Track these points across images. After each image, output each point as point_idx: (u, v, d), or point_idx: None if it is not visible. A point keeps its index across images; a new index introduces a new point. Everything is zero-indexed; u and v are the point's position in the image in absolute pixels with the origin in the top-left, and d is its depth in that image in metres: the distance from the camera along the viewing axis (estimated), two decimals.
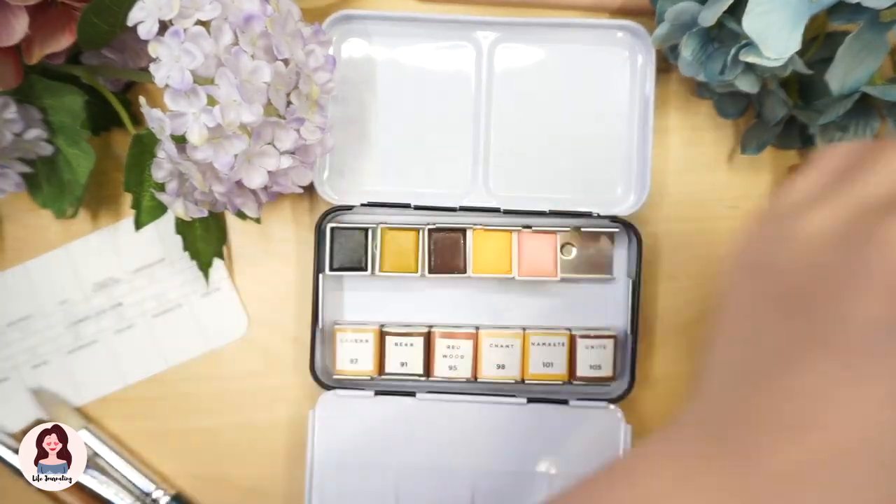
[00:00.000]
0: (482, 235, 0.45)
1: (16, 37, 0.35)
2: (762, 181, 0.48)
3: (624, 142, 0.45)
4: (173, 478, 0.47)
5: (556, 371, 0.45)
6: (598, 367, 0.45)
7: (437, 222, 0.45)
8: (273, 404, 0.47)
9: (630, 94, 0.45)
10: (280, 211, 0.47)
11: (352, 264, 0.45)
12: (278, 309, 0.47)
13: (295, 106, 0.36)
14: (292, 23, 0.36)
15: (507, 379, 0.45)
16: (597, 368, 0.45)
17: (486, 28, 0.45)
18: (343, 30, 0.45)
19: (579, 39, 0.45)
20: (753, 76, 0.39)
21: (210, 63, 0.33)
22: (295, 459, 0.47)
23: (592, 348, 0.45)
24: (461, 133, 0.46)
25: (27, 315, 0.47)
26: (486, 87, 0.45)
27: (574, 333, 0.45)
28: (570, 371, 0.45)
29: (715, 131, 0.48)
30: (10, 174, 0.42)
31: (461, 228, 0.45)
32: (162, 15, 0.32)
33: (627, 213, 0.45)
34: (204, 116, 0.33)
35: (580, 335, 0.45)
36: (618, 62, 0.45)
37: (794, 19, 0.35)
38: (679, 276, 0.48)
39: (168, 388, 0.47)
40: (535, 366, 0.45)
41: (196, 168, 0.35)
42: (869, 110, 0.42)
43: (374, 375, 0.45)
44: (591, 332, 0.45)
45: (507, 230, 0.45)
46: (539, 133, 0.46)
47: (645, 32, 0.44)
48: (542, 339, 0.45)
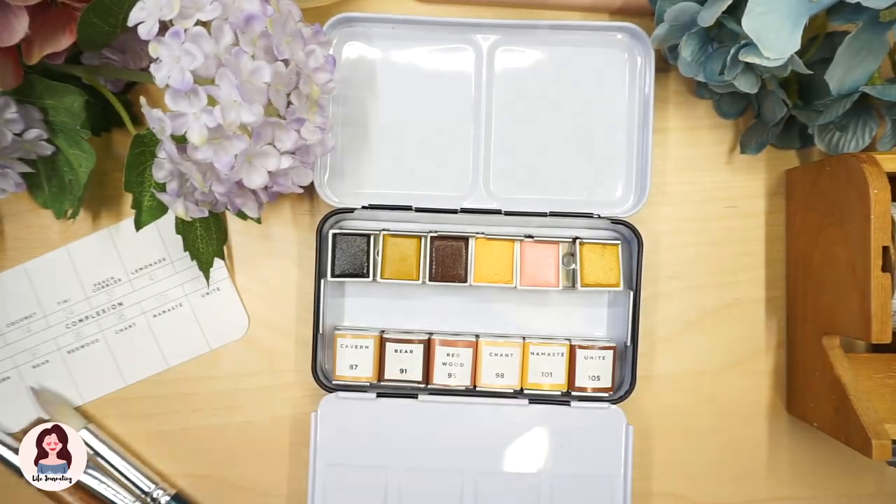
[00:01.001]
0: (484, 244, 0.45)
1: (16, 37, 0.35)
2: (761, 181, 0.48)
3: (624, 144, 0.46)
4: (173, 478, 0.47)
5: (556, 381, 0.45)
6: (598, 378, 0.45)
7: (438, 227, 0.46)
8: (273, 404, 0.47)
9: (629, 95, 0.45)
10: (280, 211, 0.47)
11: (353, 270, 0.45)
12: (278, 309, 0.48)
13: (295, 106, 0.36)
14: (292, 23, 0.36)
15: (506, 388, 0.45)
16: (596, 379, 0.45)
17: (485, 30, 0.45)
18: (344, 32, 0.45)
19: (579, 41, 0.45)
20: (753, 76, 0.39)
21: (210, 63, 0.33)
22: (295, 459, 0.47)
23: (592, 359, 0.45)
24: (462, 135, 0.46)
25: (28, 315, 0.47)
26: (487, 90, 0.46)
27: (574, 344, 0.45)
28: (570, 381, 0.45)
29: (714, 131, 0.48)
30: (10, 174, 0.42)
31: (463, 237, 0.45)
32: (162, 15, 0.32)
33: (628, 214, 0.45)
34: (204, 117, 0.33)
35: (580, 346, 0.45)
36: (617, 64, 0.45)
37: (794, 19, 0.35)
38: (679, 276, 0.48)
39: (168, 388, 0.47)
40: (535, 375, 0.45)
41: (196, 168, 0.35)
42: (868, 110, 0.42)
43: (374, 381, 0.45)
44: (590, 342, 0.45)
45: (509, 240, 0.45)
46: (539, 135, 0.46)
47: (644, 34, 0.44)
48: (542, 348, 0.45)
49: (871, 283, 0.38)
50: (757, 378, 0.48)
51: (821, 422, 0.43)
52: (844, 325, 0.41)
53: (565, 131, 0.46)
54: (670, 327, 0.48)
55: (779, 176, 0.48)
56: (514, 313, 0.47)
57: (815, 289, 0.44)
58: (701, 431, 0.48)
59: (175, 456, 0.48)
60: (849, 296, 0.40)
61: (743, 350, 0.48)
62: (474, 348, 0.45)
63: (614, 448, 0.44)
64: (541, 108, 0.46)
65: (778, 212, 0.48)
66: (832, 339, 0.43)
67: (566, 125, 0.46)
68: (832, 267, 0.42)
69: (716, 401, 0.48)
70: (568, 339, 0.46)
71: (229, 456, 0.48)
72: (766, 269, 0.48)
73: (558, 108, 0.46)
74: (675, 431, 0.48)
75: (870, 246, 0.38)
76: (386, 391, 0.45)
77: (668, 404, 0.48)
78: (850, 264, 0.40)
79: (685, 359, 0.48)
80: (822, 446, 0.48)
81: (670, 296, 0.48)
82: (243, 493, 0.47)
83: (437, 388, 0.45)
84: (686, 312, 0.48)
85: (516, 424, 0.45)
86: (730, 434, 0.48)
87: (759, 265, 0.48)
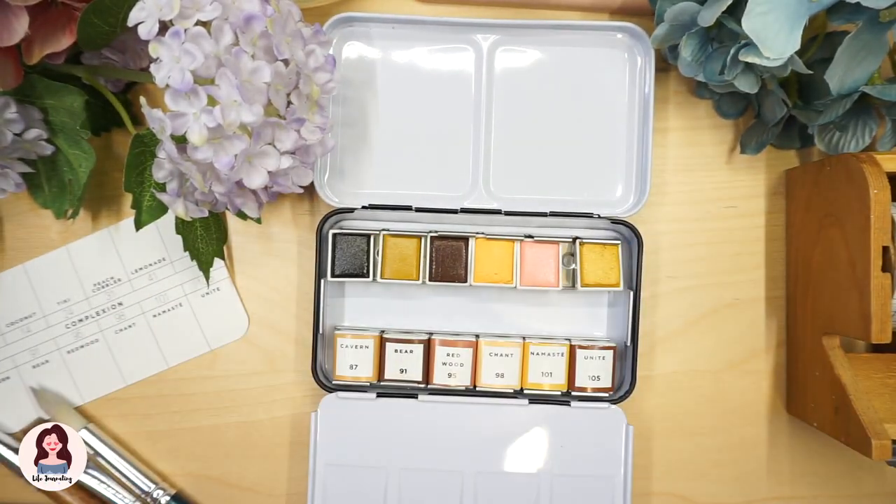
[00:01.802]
0: (484, 244, 0.45)
1: (16, 37, 0.35)
2: (761, 181, 0.48)
3: (624, 143, 0.46)
4: (173, 477, 0.47)
5: (556, 381, 0.45)
6: (598, 378, 0.45)
7: (438, 227, 0.46)
8: (273, 404, 0.47)
9: (629, 95, 0.45)
10: (281, 211, 0.47)
11: (353, 271, 0.45)
12: (278, 309, 0.48)
13: (295, 106, 0.36)
14: (292, 23, 0.36)
15: (506, 388, 0.45)
16: (596, 379, 0.45)
17: (485, 30, 0.45)
18: (344, 32, 0.45)
19: (578, 41, 0.45)
20: (753, 76, 0.39)
21: (210, 63, 0.33)
22: (295, 459, 0.47)
23: (592, 359, 0.45)
24: (461, 135, 0.46)
25: (27, 315, 0.47)
26: (486, 89, 0.46)
27: (574, 344, 0.45)
28: (570, 381, 0.45)
29: (714, 131, 0.48)
30: (10, 174, 0.42)
31: (463, 237, 0.45)
32: (162, 15, 0.32)
33: (628, 214, 0.45)
34: (204, 117, 0.33)
35: (580, 346, 0.45)
36: (617, 63, 0.45)
37: (794, 19, 0.35)
38: (679, 276, 0.48)
39: (168, 388, 0.47)
40: (535, 375, 0.45)
41: (196, 168, 0.35)
42: (868, 110, 0.42)
43: (374, 381, 0.45)
44: (590, 342, 0.45)
45: (509, 240, 0.45)
46: (539, 134, 0.46)
47: (644, 34, 0.44)
48: (542, 348, 0.45)
49: (871, 283, 0.38)
50: (757, 378, 0.48)
51: (821, 422, 0.43)
52: (844, 325, 0.41)
53: (565, 131, 0.46)
54: (670, 327, 0.48)
55: (779, 176, 0.48)
56: (514, 313, 0.47)
57: (815, 289, 0.44)
58: (701, 431, 0.48)
59: (175, 456, 0.48)
60: (849, 296, 0.40)
61: (743, 350, 0.48)
62: (474, 348, 0.45)
63: (614, 448, 0.44)
64: (541, 108, 0.46)
65: (778, 212, 0.48)
66: (832, 339, 0.43)
67: (566, 125, 0.46)
68: (832, 267, 0.42)
69: (716, 401, 0.48)
70: (568, 339, 0.46)
71: (229, 456, 0.48)
72: (766, 269, 0.48)
73: (558, 107, 0.46)
74: (675, 431, 0.48)
75: (870, 246, 0.38)
76: (386, 391, 0.45)
77: (668, 404, 0.48)
78: (850, 264, 0.40)
79: (685, 359, 0.48)
80: (822, 446, 0.48)
81: (670, 296, 0.48)
82: (243, 493, 0.47)
83: (437, 388, 0.45)
84: (686, 312, 0.48)
85: (516, 424, 0.45)
86: (730, 434, 0.48)
87: (759, 265, 0.48)
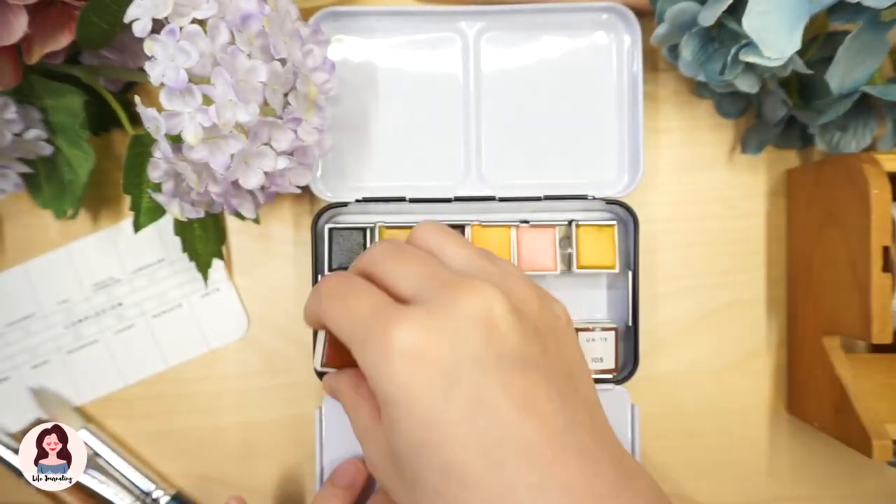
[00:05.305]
0: (480, 231, 0.45)
1: (15, 36, 0.35)
2: (762, 181, 0.48)
3: (615, 123, 0.45)
4: (173, 478, 0.47)
5: None
6: (601, 360, 0.45)
7: (433, 217, 0.45)
8: (273, 404, 0.47)
9: (618, 73, 0.45)
10: (279, 211, 0.47)
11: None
12: (278, 309, 0.47)
13: (292, 106, 0.36)
14: (290, 22, 0.36)
15: None
16: (598, 361, 0.45)
17: (470, 18, 0.45)
18: (330, 26, 0.45)
19: (564, 23, 0.45)
20: (753, 76, 0.39)
21: (206, 62, 0.33)
22: (295, 459, 0.47)
23: (594, 341, 0.45)
24: (452, 124, 0.45)
25: (27, 315, 0.47)
26: (475, 77, 0.45)
27: (575, 327, 0.45)
28: None
29: (715, 131, 0.48)
30: (10, 174, 0.42)
31: (459, 225, 0.45)
32: (157, 13, 0.32)
33: (622, 194, 0.44)
34: (199, 116, 0.32)
35: (581, 329, 0.45)
36: (604, 44, 0.45)
37: (794, 19, 0.35)
38: (679, 276, 0.47)
39: (168, 388, 0.47)
40: None
41: (192, 168, 0.34)
42: (869, 110, 0.42)
43: None
44: (591, 325, 0.45)
45: (505, 226, 0.45)
46: (530, 119, 0.46)
47: (630, 13, 0.44)
48: None
49: (872, 283, 0.38)
50: (757, 378, 0.48)
51: (821, 422, 0.43)
52: (845, 326, 0.41)
53: (556, 113, 0.46)
54: (670, 327, 0.48)
55: (779, 176, 0.48)
56: None
57: (815, 289, 0.44)
58: (701, 432, 0.48)
59: (175, 456, 0.48)
60: (849, 296, 0.40)
61: (743, 350, 0.48)
62: None
63: (621, 428, 0.44)
64: (530, 92, 0.46)
65: (778, 212, 0.48)
66: (832, 339, 0.43)
67: (556, 107, 0.46)
68: (832, 267, 0.42)
69: (716, 401, 0.47)
70: None
71: (229, 456, 0.48)
72: (766, 269, 0.48)
73: (547, 90, 0.46)
74: (675, 431, 0.48)
75: (870, 246, 0.38)
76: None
77: (668, 404, 0.48)
78: (850, 264, 0.40)
79: (685, 359, 0.48)
80: (822, 446, 0.47)
81: (670, 296, 0.47)
82: (243, 493, 0.47)
83: None
84: (686, 312, 0.48)
85: None
86: (730, 434, 0.48)
87: (760, 265, 0.48)
